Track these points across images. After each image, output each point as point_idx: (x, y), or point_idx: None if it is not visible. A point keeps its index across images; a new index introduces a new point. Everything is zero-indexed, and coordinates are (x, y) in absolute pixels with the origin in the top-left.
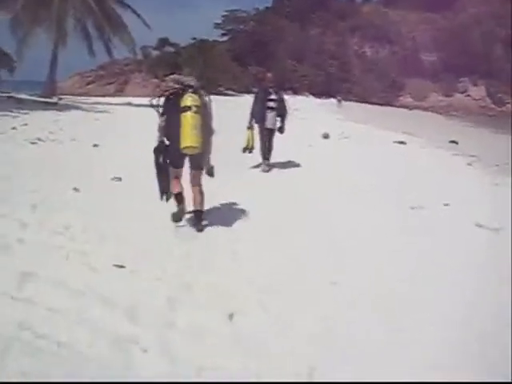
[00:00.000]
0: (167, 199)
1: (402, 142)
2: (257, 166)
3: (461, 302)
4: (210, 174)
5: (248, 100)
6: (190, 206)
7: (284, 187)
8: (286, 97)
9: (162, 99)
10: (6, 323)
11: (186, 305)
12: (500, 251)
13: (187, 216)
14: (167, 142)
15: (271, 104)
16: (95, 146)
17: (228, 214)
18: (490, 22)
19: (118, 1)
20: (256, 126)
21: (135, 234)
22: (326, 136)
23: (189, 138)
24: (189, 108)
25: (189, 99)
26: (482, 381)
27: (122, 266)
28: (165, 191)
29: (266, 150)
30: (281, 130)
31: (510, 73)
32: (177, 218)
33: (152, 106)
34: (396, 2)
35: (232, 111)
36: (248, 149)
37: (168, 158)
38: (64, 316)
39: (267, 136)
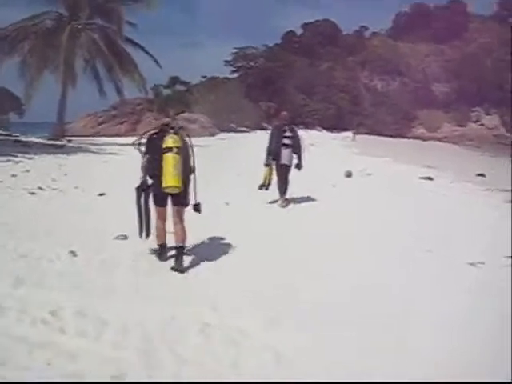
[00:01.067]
0: (146, 236)
1: (429, 178)
2: (274, 202)
3: None
4: (197, 210)
5: (260, 136)
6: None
7: (303, 227)
8: (299, 132)
9: (144, 140)
10: None
11: None
12: None
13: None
14: (150, 181)
15: (286, 141)
16: (100, 194)
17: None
18: (500, 50)
19: (128, 40)
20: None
21: (144, 318)
22: (349, 174)
23: (171, 178)
24: (170, 149)
25: (170, 140)
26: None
27: None
28: (144, 229)
29: (283, 186)
30: (298, 166)
31: None
32: (163, 259)
33: (134, 145)
34: (404, 34)
35: (244, 148)
36: (265, 186)
37: (151, 197)
38: None
39: (284, 172)
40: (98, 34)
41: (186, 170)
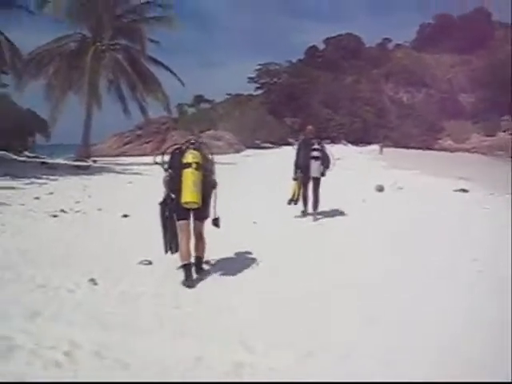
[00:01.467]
0: (172, 252)
1: (464, 190)
2: (302, 216)
3: None
4: (216, 224)
5: (286, 151)
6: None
7: (337, 245)
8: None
9: (167, 156)
10: None
11: None
12: None
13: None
14: (173, 196)
15: (315, 154)
16: (124, 216)
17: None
18: None
19: (151, 59)
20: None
21: (169, 357)
22: (380, 189)
23: (189, 193)
24: (189, 165)
25: (190, 156)
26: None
27: None
28: (170, 245)
29: (313, 200)
30: (322, 174)
31: None
32: (189, 285)
33: (156, 163)
34: (429, 45)
35: (270, 164)
36: (293, 200)
37: (173, 211)
38: None
39: (313, 185)
40: (121, 54)
41: (207, 186)
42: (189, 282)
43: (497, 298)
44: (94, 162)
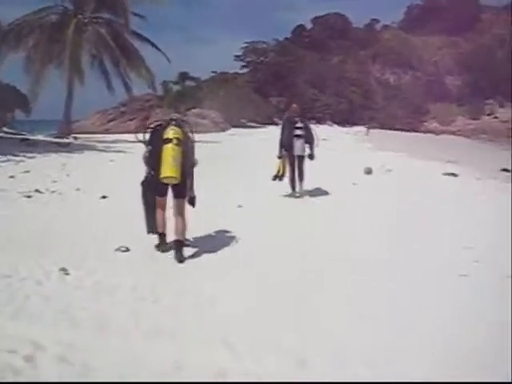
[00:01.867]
0: (154, 232)
1: (453, 174)
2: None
3: None
4: (191, 203)
5: (271, 131)
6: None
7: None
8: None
9: (148, 134)
10: None
11: None
12: None
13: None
14: (153, 173)
15: (298, 132)
16: (103, 197)
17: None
18: None
19: (135, 34)
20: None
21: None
22: (368, 171)
23: (168, 168)
24: (170, 140)
25: (170, 132)
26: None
27: None
28: (152, 227)
29: (298, 177)
30: (311, 156)
31: None
32: (163, 250)
33: (139, 141)
34: (416, 27)
35: (255, 142)
36: (278, 176)
37: (152, 187)
38: None
39: (298, 163)
40: (104, 28)
41: (187, 163)
42: (161, 247)
43: (495, 290)
44: (76, 139)
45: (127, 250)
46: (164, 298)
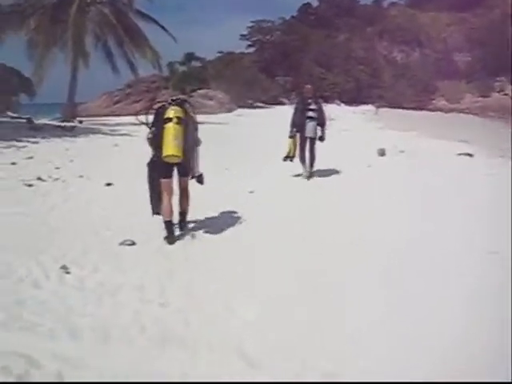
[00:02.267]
0: (159, 213)
1: (468, 154)
2: (298, 175)
3: None
4: (200, 181)
5: (278, 111)
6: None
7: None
8: None
9: (150, 117)
10: None
11: None
12: None
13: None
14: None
15: (311, 114)
16: (108, 185)
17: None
18: None
19: (140, 13)
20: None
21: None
22: (382, 153)
23: (170, 147)
24: (170, 119)
25: (171, 111)
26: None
27: None
28: (156, 208)
29: (309, 159)
30: (321, 138)
31: None
32: (170, 241)
33: (142, 123)
34: (424, 3)
35: (263, 124)
36: (289, 157)
37: (157, 168)
38: None
39: (309, 145)
40: (108, 7)
41: (190, 141)
42: (170, 239)
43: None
44: (81, 122)
45: (133, 243)
46: (173, 300)
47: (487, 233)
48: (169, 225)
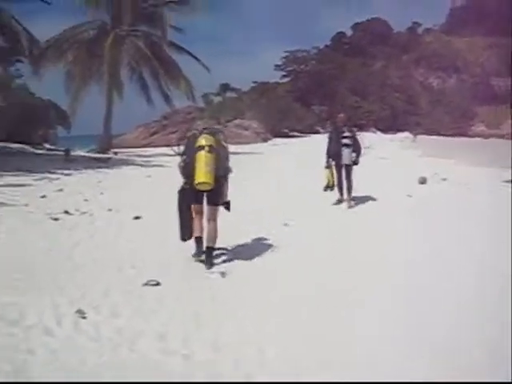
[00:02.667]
0: (186, 239)
1: None
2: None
3: None
4: (227, 208)
5: (314, 140)
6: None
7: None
8: None
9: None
10: None
11: None
12: None
13: None
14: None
15: (346, 141)
16: (136, 218)
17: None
18: None
19: (173, 44)
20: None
21: None
22: (423, 181)
23: (202, 174)
24: (202, 147)
25: (203, 140)
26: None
27: None
28: (185, 235)
29: (346, 187)
30: (355, 162)
31: None
32: (197, 258)
33: (176, 154)
34: (459, 29)
35: (298, 153)
36: (329, 187)
37: (187, 196)
38: None
39: (345, 172)
40: (142, 40)
41: (221, 170)
42: (198, 255)
43: None
44: (116, 154)
45: (157, 284)
46: (199, 353)
47: None
48: (198, 241)
